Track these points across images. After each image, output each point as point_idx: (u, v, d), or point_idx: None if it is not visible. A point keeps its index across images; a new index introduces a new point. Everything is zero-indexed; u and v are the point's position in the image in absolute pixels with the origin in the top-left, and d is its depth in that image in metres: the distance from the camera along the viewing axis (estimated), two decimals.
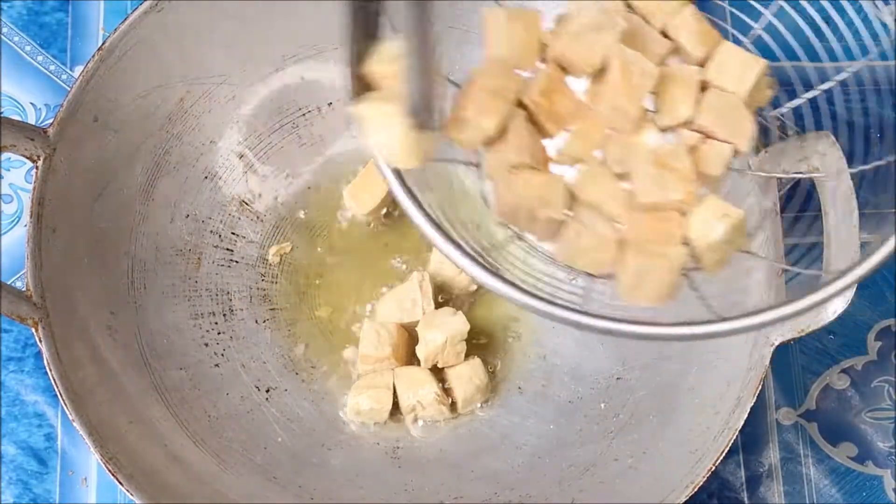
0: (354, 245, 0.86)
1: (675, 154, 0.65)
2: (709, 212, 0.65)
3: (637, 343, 0.81)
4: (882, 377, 0.85)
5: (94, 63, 0.77)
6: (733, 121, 0.67)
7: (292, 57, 0.85)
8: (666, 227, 0.65)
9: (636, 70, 0.66)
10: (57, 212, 0.76)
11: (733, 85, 0.68)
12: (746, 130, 0.67)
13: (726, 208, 0.65)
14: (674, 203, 0.65)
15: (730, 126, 0.67)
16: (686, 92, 0.67)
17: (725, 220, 0.64)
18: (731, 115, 0.67)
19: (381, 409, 0.80)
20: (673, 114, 0.68)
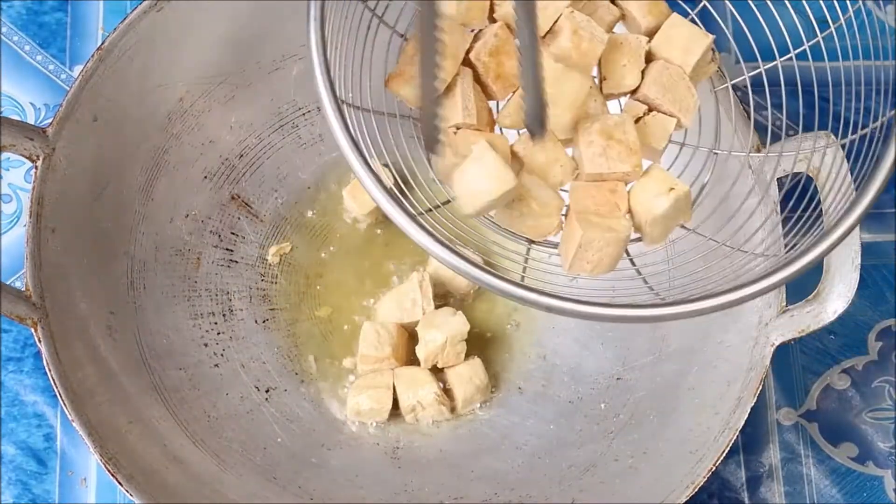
0: (354, 245, 0.86)
1: (621, 125, 0.65)
2: (654, 184, 0.65)
3: (637, 343, 0.81)
4: (882, 377, 0.85)
5: (94, 63, 0.77)
6: (678, 94, 0.67)
7: (292, 57, 0.85)
8: (611, 198, 0.65)
9: (586, 35, 0.66)
10: (56, 212, 0.76)
11: (679, 58, 0.68)
12: (690, 104, 0.67)
13: (671, 181, 0.65)
14: (619, 175, 0.65)
15: (675, 99, 0.67)
16: (633, 61, 0.67)
17: (670, 193, 0.64)
18: (676, 87, 0.67)
19: (381, 408, 0.80)
20: (618, 82, 0.67)
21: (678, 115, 0.67)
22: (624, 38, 0.68)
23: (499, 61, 0.67)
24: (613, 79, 0.67)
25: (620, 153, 0.65)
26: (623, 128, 0.65)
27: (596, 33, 0.66)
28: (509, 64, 0.67)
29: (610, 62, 0.68)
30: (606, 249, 0.63)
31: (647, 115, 0.67)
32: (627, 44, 0.68)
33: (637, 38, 0.68)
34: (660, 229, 0.65)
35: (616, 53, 0.67)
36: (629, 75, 0.67)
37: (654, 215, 0.64)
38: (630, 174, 0.65)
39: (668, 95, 0.67)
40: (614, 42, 0.67)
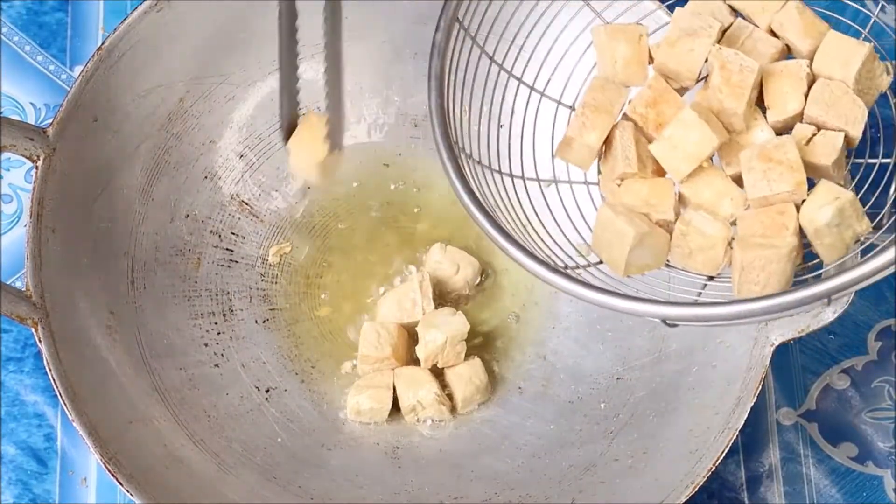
0: (354, 245, 0.86)
1: (780, 147, 0.65)
2: (819, 197, 0.64)
3: (637, 343, 0.81)
4: (882, 377, 0.85)
5: (94, 63, 0.77)
6: (843, 108, 0.67)
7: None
8: (779, 219, 0.65)
9: (735, 68, 0.66)
10: (57, 212, 0.76)
11: (840, 72, 0.67)
12: (857, 116, 0.67)
13: (836, 191, 0.64)
14: (783, 195, 0.65)
15: (839, 114, 0.67)
16: (794, 85, 0.67)
17: (834, 202, 0.64)
18: (840, 102, 0.67)
19: (382, 408, 0.80)
20: (782, 109, 0.67)
21: (845, 129, 0.67)
22: (783, 65, 0.68)
23: (658, 111, 0.68)
24: (776, 107, 0.68)
25: (782, 174, 0.64)
26: (783, 149, 0.65)
27: (745, 63, 0.66)
28: (669, 112, 0.68)
29: (771, 91, 0.68)
30: (770, 267, 0.63)
31: (815, 135, 0.67)
32: (787, 70, 0.68)
33: (797, 62, 0.68)
34: (830, 241, 0.65)
35: (777, 82, 0.67)
36: (791, 100, 0.67)
37: (818, 226, 0.64)
38: (795, 193, 0.65)
39: (831, 112, 0.66)
40: (773, 71, 0.68)
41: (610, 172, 0.69)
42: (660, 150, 0.67)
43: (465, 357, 0.81)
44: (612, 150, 0.69)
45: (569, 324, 0.84)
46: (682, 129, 0.65)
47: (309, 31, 0.84)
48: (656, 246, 0.67)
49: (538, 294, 0.84)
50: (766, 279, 0.64)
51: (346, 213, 0.87)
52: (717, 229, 0.66)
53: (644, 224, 0.66)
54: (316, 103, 0.86)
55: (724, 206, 0.67)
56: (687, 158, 0.66)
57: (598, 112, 0.68)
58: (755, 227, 0.65)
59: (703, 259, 0.66)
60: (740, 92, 0.66)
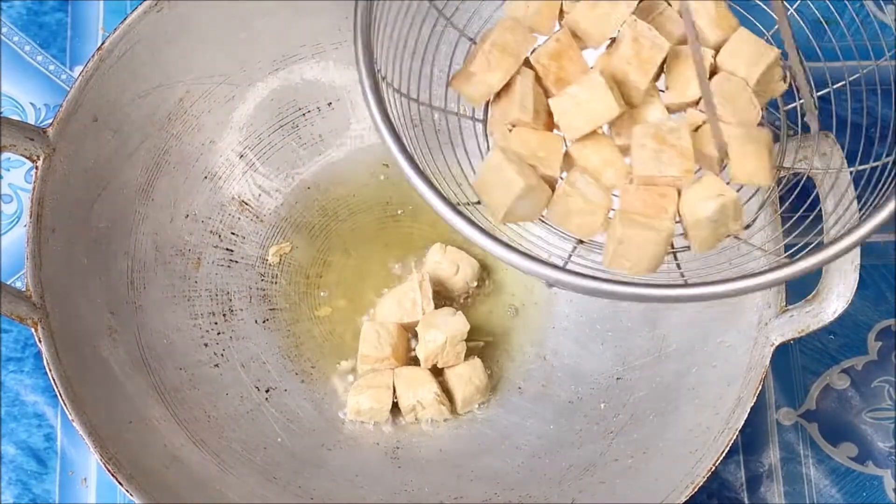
0: (354, 245, 0.86)
1: (675, 131, 0.65)
2: (703, 189, 0.65)
3: (637, 343, 0.81)
4: (882, 377, 0.85)
5: (94, 63, 0.77)
6: (740, 105, 0.67)
7: (292, 57, 0.85)
8: (660, 201, 0.65)
9: (647, 43, 0.66)
10: (57, 212, 0.76)
11: (744, 70, 0.68)
12: (752, 116, 0.67)
13: (721, 188, 0.65)
14: (669, 178, 0.65)
15: (736, 110, 0.67)
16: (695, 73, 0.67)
17: (718, 198, 0.64)
18: (738, 99, 0.67)
19: (382, 408, 0.80)
20: (681, 93, 0.68)
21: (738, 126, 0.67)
22: (687, 50, 0.68)
23: (560, 65, 0.68)
24: (676, 89, 0.68)
25: (672, 158, 0.65)
26: (678, 133, 0.65)
27: (657, 41, 0.66)
28: (571, 68, 0.68)
29: (673, 73, 0.68)
30: (646, 248, 0.64)
31: (704, 123, 0.67)
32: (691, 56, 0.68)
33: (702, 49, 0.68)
34: (705, 234, 0.65)
35: (680, 65, 0.68)
36: (692, 86, 0.67)
37: (698, 218, 0.64)
38: (681, 179, 0.65)
39: (728, 107, 0.67)
40: (678, 53, 0.68)
41: (502, 115, 0.68)
42: (559, 106, 0.66)
43: (465, 357, 0.81)
44: (509, 93, 0.68)
45: (569, 324, 0.84)
46: (587, 91, 0.65)
47: (309, 32, 0.85)
48: (538, 200, 0.67)
49: (538, 294, 0.84)
50: (639, 258, 0.64)
51: (346, 213, 0.87)
52: (600, 197, 0.66)
53: (533, 177, 0.66)
54: (315, 103, 0.86)
55: (607, 174, 0.67)
56: (585, 120, 0.66)
57: (504, 53, 0.67)
58: (636, 203, 0.65)
59: (580, 223, 0.66)
60: (648, 68, 0.66)
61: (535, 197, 0.66)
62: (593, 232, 0.67)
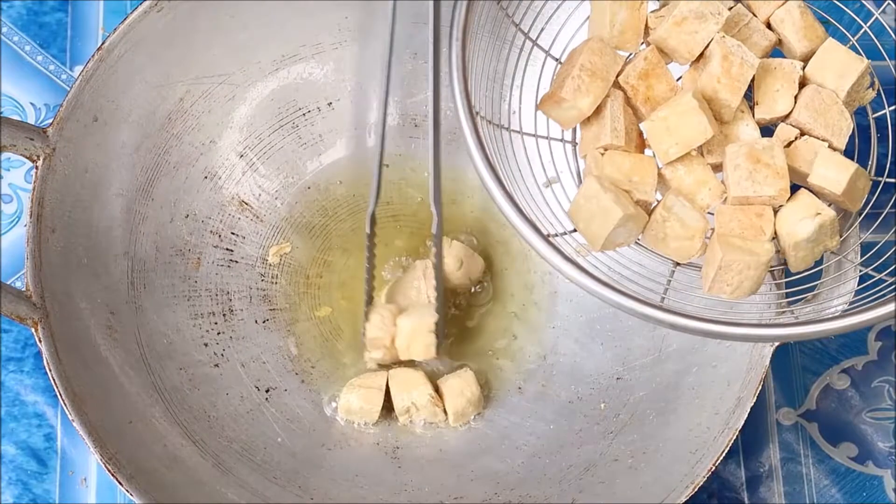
0: (354, 245, 0.86)
1: (769, 150, 0.65)
2: (800, 208, 0.65)
3: (637, 343, 0.81)
4: (882, 377, 0.85)
5: (94, 63, 0.77)
6: (831, 118, 0.67)
7: (292, 57, 0.85)
8: (756, 221, 0.65)
9: (736, 60, 0.66)
10: (57, 212, 0.76)
11: (833, 82, 0.67)
12: (843, 128, 0.67)
13: (818, 206, 0.65)
14: (765, 198, 0.65)
15: (827, 123, 0.67)
16: (786, 86, 0.67)
17: (816, 218, 0.64)
18: (829, 112, 0.67)
19: (371, 409, 0.80)
20: (771, 108, 0.67)
21: (830, 140, 0.67)
22: (778, 63, 0.68)
23: (648, 84, 0.68)
24: (766, 104, 0.68)
25: (767, 177, 0.65)
26: (771, 152, 0.65)
27: (746, 58, 0.66)
28: (659, 87, 0.67)
29: (762, 87, 0.68)
30: (747, 272, 0.64)
31: (797, 139, 0.67)
32: (781, 69, 0.68)
33: (791, 62, 0.68)
34: (804, 254, 0.65)
35: (769, 78, 0.67)
36: (781, 100, 0.67)
37: (798, 239, 0.64)
38: (776, 198, 0.65)
39: (819, 120, 0.67)
40: (767, 67, 0.68)
41: (593, 139, 0.68)
42: (652, 130, 0.67)
43: (456, 368, 0.81)
44: (599, 117, 0.68)
45: (569, 324, 0.84)
46: (679, 114, 0.65)
47: (309, 32, 0.85)
48: (634, 226, 0.67)
49: (538, 294, 0.84)
50: (740, 282, 0.64)
51: (346, 213, 0.87)
52: (697, 220, 0.66)
53: (630, 205, 0.66)
54: (315, 103, 0.86)
55: (702, 194, 0.67)
56: (679, 143, 0.66)
57: (594, 77, 0.67)
58: (732, 224, 0.65)
59: (677, 247, 0.66)
60: (738, 86, 0.66)
61: (631, 224, 0.66)
62: (691, 255, 0.67)
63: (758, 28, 0.69)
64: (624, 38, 0.69)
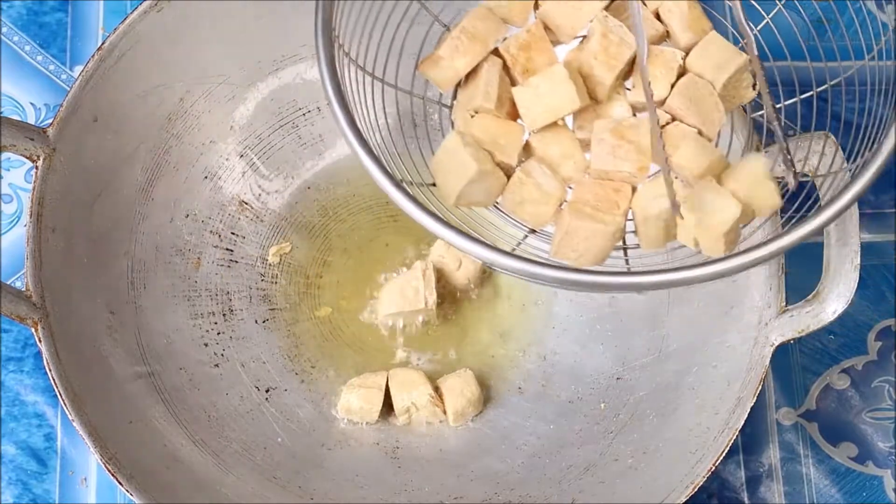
0: (354, 245, 0.86)
1: (634, 127, 0.66)
2: (656, 187, 0.65)
3: (637, 343, 0.81)
4: (882, 377, 0.85)
5: (94, 63, 0.77)
6: (704, 108, 0.67)
7: (292, 57, 0.85)
8: (613, 196, 0.65)
9: (615, 39, 0.66)
10: (57, 212, 0.76)
11: (711, 74, 0.68)
12: (716, 119, 0.67)
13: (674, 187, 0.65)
14: (624, 174, 0.65)
15: (700, 112, 0.67)
16: (664, 73, 0.68)
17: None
18: (703, 102, 0.67)
19: (371, 409, 0.80)
20: None
21: (701, 128, 0.67)
22: (659, 50, 0.68)
23: (528, 56, 0.68)
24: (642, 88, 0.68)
25: (629, 153, 0.65)
26: (637, 130, 0.65)
27: (626, 38, 0.66)
28: (539, 60, 0.68)
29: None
30: (593, 240, 0.64)
31: (669, 123, 0.67)
32: (662, 56, 0.68)
33: (673, 51, 0.68)
34: (654, 232, 0.65)
35: (649, 65, 0.67)
36: (658, 86, 0.67)
37: (647, 215, 0.64)
38: (636, 175, 0.65)
39: (692, 108, 0.67)
40: (649, 52, 0.68)
41: (466, 101, 0.69)
42: (522, 96, 0.67)
43: (455, 367, 0.81)
44: (475, 80, 0.69)
45: (569, 324, 0.84)
46: (549, 82, 0.66)
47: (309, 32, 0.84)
48: (492, 187, 0.67)
49: (538, 294, 0.84)
50: (585, 249, 0.64)
51: (346, 213, 0.87)
52: (554, 188, 0.66)
53: (487, 162, 0.66)
54: (315, 103, 0.86)
55: (565, 166, 0.67)
56: (546, 111, 0.66)
57: (473, 40, 0.68)
58: (588, 196, 0.66)
59: (533, 211, 0.67)
60: (614, 64, 0.66)
61: (488, 183, 0.66)
62: (545, 222, 0.67)
63: (646, 17, 0.69)
64: (512, 10, 0.70)
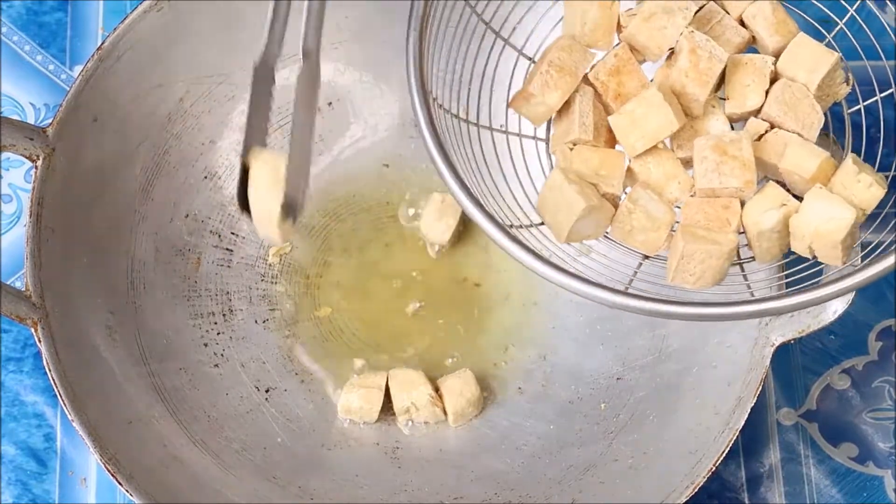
0: (354, 245, 0.86)
1: (736, 142, 0.65)
2: (766, 199, 0.65)
3: (638, 343, 0.81)
4: (883, 377, 0.85)
5: (94, 63, 0.77)
6: (801, 111, 0.67)
7: (292, 57, 0.85)
8: (723, 213, 0.65)
9: (704, 54, 0.66)
10: (56, 212, 0.76)
11: (804, 76, 0.68)
12: (814, 122, 0.67)
13: (784, 198, 0.65)
14: (731, 190, 0.65)
15: (797, 117, 0.67)
16: (757, 81, 0.67)
17: (781, 209, 0.64)
18: (800, 105, 0.67)
19: (371, 408, 0.80)
20: (741, 102, 0.68)
21: (800, 132, 0.67)
22: (749, 58, 0.68)
23: (619, 81, 0.68)
24: (736, 99, 0.68)
25: (734, 169, 0.65)
26: (738, 144, 0.65)
27: (715, 52, 0.66)
28: (630, 84, 0.68)
29: (733, 82, 0.68)
30: (709, 262, 0.64)
31: (768, 132, 0.67)
32: (752, 64, 0.68)
33: (762, 58, 0.68)
34: (768, 245, 0.65)
35: (740, 73, 0.68)
36: (752, 95, 0.67)
37: (761, 229, 0.64)
38: (743, 190, 0.65)
39: (790, 114, 0.67)
40: (738, 62, 0.68)
41: (563, 134, 0.69)
42: (619, 124, 0.67)
43: (455, 368, 0.81)
44: (569, 112, 0.69)
45: (569, 324, 0.83)
46: (644, 107, 0.66)
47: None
48: (601, 219, 0.67)
49: (538, 294, 0.84)
50: (702, 272, 0.64)
51: (346, 213, 0.87)
52: (663, 213, 0.66)
53: (594, 197, 0.66)
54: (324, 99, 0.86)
55: (670, 188, 0.67)
56: (644, 137, 0.66)
57: (562, 73, 0.68)
58: (698, 216, 0.66)
59: (644, 239, 0.67)
60: (706, 80, 0.66)
61: (597, 216, 0.66)
62: (658, 247, 0.67)
63: (730, 25, 0.69)
64: (595, 35, 0.69)
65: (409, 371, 0.81)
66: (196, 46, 0.81)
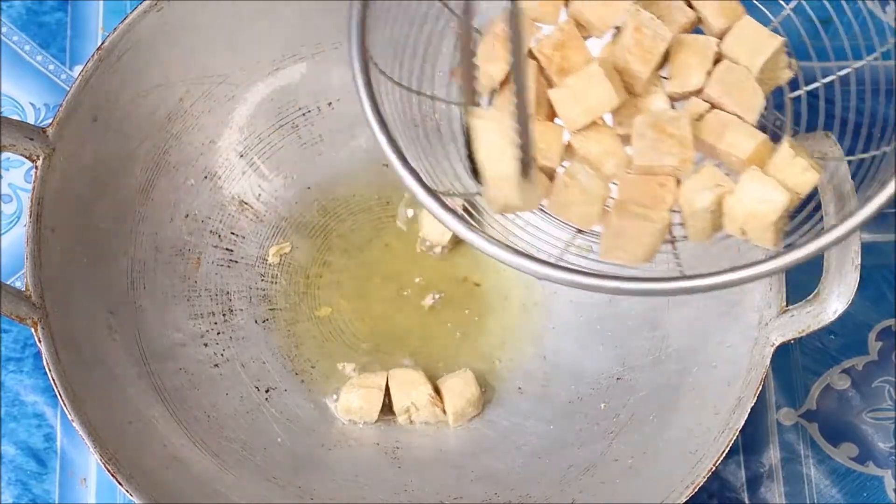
0: (354, 245, 0.86)
1: (675, 120, 0.65)
2: (702, 179, 0.65)
3: (638, 343, 0.81)
4: (883, 377, 0.85)
5: (94, 63, 0.77)
6: (742, 94, 0.67)
7: (292, 57, 0.85)
8: (658, 191, 0.65)
9: (649, 32, 0.66)
10: (56, 212, 0.76)
11: (747, 59, 0.67)
12: (755, 104, 0.67)
13: (720, 178, 0.65)
14: (668, 168, 0.65)
15: (738, 98, 0.67)
16: (700, 61, 0.67)
17: (716, 189, 0.64)
18: (741, 87, 0.67)
19: (371, 408, 0.80)
20: (683, 82, 0.67)
21: (741, 114, 0.67)
22: (693, 38, 0.68)
23: (563, 55, 0.68)
24: (679, 78, 0.68)
25: (672, 147, 0.65)
26: (677, 123, 0.65)
27: (659, 31, 0.66)
28: (574, 59, 0.68)
29: (676, 61, 0.68)
30: (641, 238, 0.64)
31: (708, 112, 0.67)
32: (696, 44, 0.68)
33: (707, 38, 0.68)
34: (702, 224, 0.65)
35: (683, 53, 0.67)
36: (694, 75, 0.67)
37: (695, 209, 0.64)
38: (679, 169, 0.65)
39: (731, 95, 0.67)
40: (682, 42, 0.68)
41: (504, 106, 0.69)
42: (559, 98, 0.67)
43: (454, 368, 0.81)
44: (511, 85, 0.68)
45: (569, 324, 0.84)
46: (585, 82, 0.65)
47: (309, 32, 0.85)
48: (535, 191, 0.67)
49: (538, 294, 0.84)
50: (634, 248, 0.64)
51: (346, 213, 0.87)
52: (598, 187, 0.66)
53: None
54: (315, 103, 0.86)
55: (608, 164, 0.67)
56: (585, 111, 0.66)
57: (505, 44, 0.68)
58: (634, 192, 0.65)
59: (579, 213, 0.66)
60: (649, 57, 0.66)
61: (531, 188, 0.66)
62: (592, 222, 0.67)
63: (677, 5, 0.69)
64: (543, 9, 0.69)
65: (409, 371, 0.81)
66: (196, 46, 0.81)
